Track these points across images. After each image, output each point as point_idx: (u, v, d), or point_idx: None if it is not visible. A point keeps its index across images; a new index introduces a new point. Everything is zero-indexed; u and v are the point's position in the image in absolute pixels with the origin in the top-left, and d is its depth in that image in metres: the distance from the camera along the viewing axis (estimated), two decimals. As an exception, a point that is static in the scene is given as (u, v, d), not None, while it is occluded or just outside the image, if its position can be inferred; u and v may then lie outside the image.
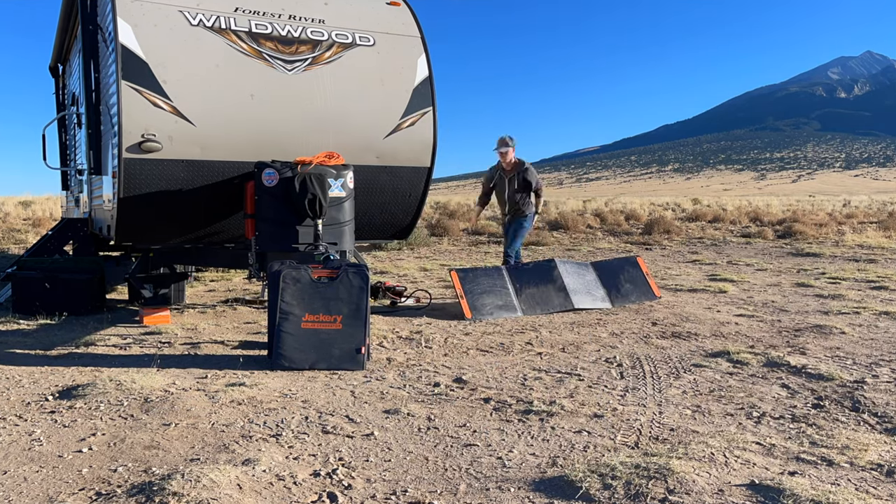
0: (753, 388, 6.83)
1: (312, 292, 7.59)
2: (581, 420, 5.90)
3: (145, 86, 8.68)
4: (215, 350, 8.49)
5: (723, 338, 9.16)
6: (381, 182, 10.22)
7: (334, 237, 8.98)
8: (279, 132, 9.40)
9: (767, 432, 5.58)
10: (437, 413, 6.09)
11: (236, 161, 9.25)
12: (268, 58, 9.41)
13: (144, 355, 8.15)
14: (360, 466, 4.88)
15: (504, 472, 4.78)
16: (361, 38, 10.08)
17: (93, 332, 9.38)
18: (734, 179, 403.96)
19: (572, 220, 31.05)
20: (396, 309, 11.41)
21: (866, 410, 6.11)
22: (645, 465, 4.70)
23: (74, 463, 4.91)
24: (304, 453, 5.12)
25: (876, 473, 4.73)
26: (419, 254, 21.93)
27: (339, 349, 7.56)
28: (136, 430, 5.57)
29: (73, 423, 5.74)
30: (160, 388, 6.70)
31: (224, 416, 5.93)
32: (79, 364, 7.75)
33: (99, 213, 10.78)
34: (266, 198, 8.81)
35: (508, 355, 8.29)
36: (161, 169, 8.87)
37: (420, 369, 7.62)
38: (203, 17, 9.21)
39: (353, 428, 5.69)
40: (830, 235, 27.60)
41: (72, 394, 6.52)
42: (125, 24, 8.71)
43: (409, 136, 10.22)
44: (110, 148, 9.22)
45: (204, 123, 9.00)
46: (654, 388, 6.89)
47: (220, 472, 4.60)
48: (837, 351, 8.38)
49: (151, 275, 10.61)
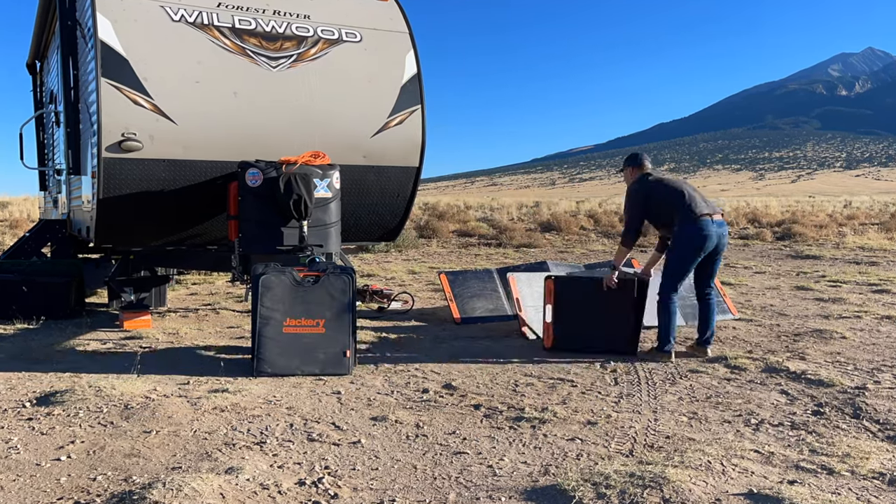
0: (752, 395, 6.85)
1: (294, 296, 7.58)
2: (574, 427, 5.91)
3: (125, 83, 8.66)
4: (198, 355, 8.48)
5: (720, 342, 9.18)
6: (368, 182, 10.20)
7: (320, 239, 8.97)
8: (263, 131, 9.39)
9: (766, 440, 5.60)
10: (425, 420, 6.10)
11: (219, 161, 9.23)
12: (252, 54, 9.39)
13: (125, 361, 8.12)
14: (346, 475, 4.88)
15: (495, 481, 4.79)
16: (348, 34, 10.07)
17: (72, 337, 9.36)
18: (732, 179, 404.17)
19: (565, 222, 31.08)
20: (384, 313, 11.41)
21: (868, 417, 6.14)
22: (640, 474, 4.71)
23: (53, 471, 4.90)
24: (289, 461, 5.12)
25: (878, 482, 4.74)
26: (407, 256, 21.96)
27: (324, 354, 7.56)
28: (115, 438, 5.56)
29: (52, 431, 5.73)
30: (141, 394, 6.68)
31: (206, 424, 5.93)
32: (57, 370, 7.73)
33: (78, 214, 10.76)
34: (250, 198, 8.79)
35: (499, 360, 8.30)
36: (142, 169, 8.86)
37: (408, 375, 7.63)
38: (185, 13, 9.19)
39: (340, 435, 5.69)
40: (831, 237, 27.70)
41: (50, 400, 6.50)
42: (105, 19, 8.69)
43: (397, 134, 10.21)
44: (89, 147, 9.20)
45: (186, 122, 8.99)
46: (650, 394, 6.90)
47: (203, 480, 4.59)
48: (838, 356, 8.41)
49: (132, 278, 10.59)
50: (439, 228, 28.25)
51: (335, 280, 7.66)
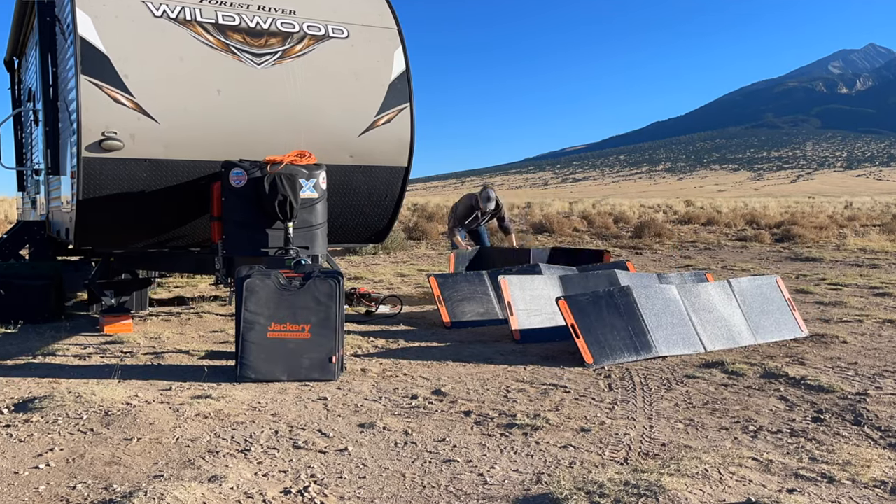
0: (750, 401, 6.85)
1: (280, 300, 7.57)
2: (567, 434, 5.92)
3: (106, 81, 8.65)
4: (180, 360, 8.47)
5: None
6: (355, 182, 10.21)
7: (306, 241, 8.98)
8: (248, 130, 9.39)
9: (764, 447, 5.61)
10: (414, 427, 6.10)
11: (202, 160, 9.23)
12: (235, 51, 9.39)
13: (105, 366, 8.12)
14: (333, 483, 4.88)
15: (486, 490, 4.79)
16: (335, 30, 10.07)
17: (50, 342, 9.34)
18: (729, 180, 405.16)
19: (558, 223, 31.16)
20: (372, 317, 11.40)
21: (869, 424, 6.14)
22: (635, 482, 4.72)
23: (31, 480, 4.89)
24: (273, 469, 5.12)
25: (879, 491, 4.75)
26: (396, 258, 21.94)
27: (309, 359, 7.55)
28: (96, 445, 5.55)
29: (30, 438, 5.72)
30: (122, 400, 6.68)
31: (189, 431, 5.92)
32: (35, 375, 7.72)
33: (57, 215, 10.75)
34: (234, 199, 8.79)
35: (490, 365, 8.30)
36: (122, 169, 8.85)
37: (396, 380, 7.63)
38: (167, 8, 9.18)
39: (326, 443, 5.69)
40: (831, 239, 27.76)
41: (28, 407, 6.49)
42: (84, 15, 8.68)
43: (386, 133, 10.22)
44: (69, 146, 9.19)
45: (168, 120, 8.98)
46: (645, 400, 6.90)
47: (185, 489, 4.59)
48: (838, 361, 8.42)
49: (112, 281, 10.57)
50: (428, 230, 28.27)
51: (322, 284, 7.65)
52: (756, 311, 9.59)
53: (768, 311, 9.71)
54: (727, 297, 9.55)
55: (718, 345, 8.94)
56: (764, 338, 9.32)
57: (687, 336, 8.87)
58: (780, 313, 9.79)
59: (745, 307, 9.54)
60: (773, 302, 9.86)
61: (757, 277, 10.17)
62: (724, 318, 9.31)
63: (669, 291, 9.25)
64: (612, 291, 9.02)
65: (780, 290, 10.08)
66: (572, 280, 10.67)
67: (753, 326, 9.40)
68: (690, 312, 9.11)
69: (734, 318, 9.37)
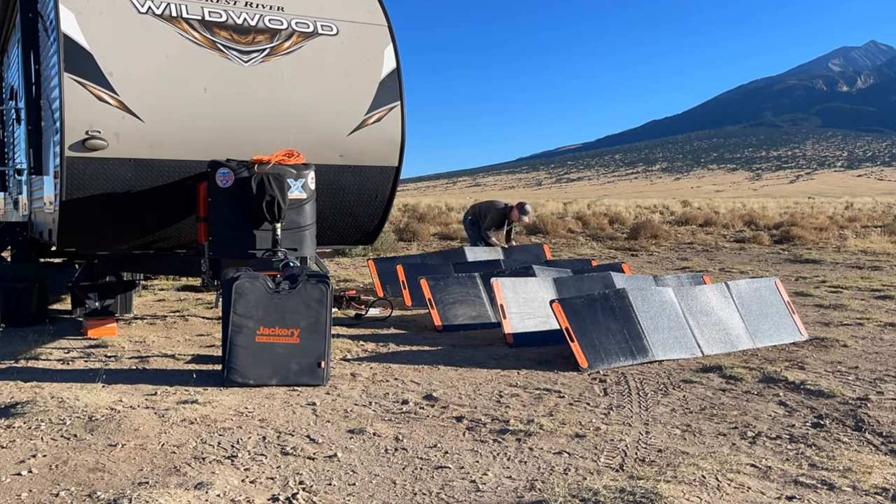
0: (748, 406, 6.87)
1: (268, 304, 7.56)
2: (561, 440, 5.93)
3: (90, 78, 8.63)
4: (165, 364, 8.46)
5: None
6: (344, 183, 10.20)
7: (294, 242, 8.98)
8: (235, 129, 9.38)
9: (763, 453, 5.62)
10: (405, 433, 6.11)
11: (188, 160, 9.21)
12: (222, 48, 9.38)
13: (89, 370, 8.10)
14: (322, 490, 4.88)
15: (478, 497, 4.80)
16: (324, 27, 10.06)
17: (33, 345, 9.33)
18: (727, 180, 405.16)
19: (552, 224, 31.15)
20: (361, 320, 11.39)
21: (870, 430, 6.16)
22: (630, 490, 4.73)
23: (13, 487, 4.89)
24: (261, 476, 5.12)
25: (880, 498, 4.76)
26: (387, 260, 21.92)
27: (298, 364, 7.55)
28: (79, 452, 5.55)
29: (12, 444, 5.72)
30: (106, 405, 6.67)
31: (175, 436, 5.92)
32: (18, 379, 7.71)
33: (39, 216, 10.74)
34: (220, 200, 8.79)
35: (482, 370, 8.31)
36: (107, 168, 8.84)
37: (387, 385, 7.63)
38: (152, 4, 9.16)
39: (315, 449, 5.70)
40: (831, 240, 27.78)
41: (10, 412, 6.48)
42: (68, 11, 8.66)
43: (376, 132, 10.21)
44: (52, 146, 9.18)
45: (153, 119, 8.96)
46: (641, 405, 6.92)
47: (171, 496, 4.59)
48: (839, 365, 8.43)
49: (97, 283, 10.55)
50: (419, 231, 28.28)
51: (312, 289, 7.64)
52: (754, 314, 9.61)
53: (767, 314, 9.72)
54: (725, 300, 9.57)
55: (716, 349, 8.97)
56: (763, 341, 9.35)
57: (684, 340, 8.90)
58: (779, 316, 9.80)
59: (744, 310, 9.57)
60: (771, 305, 9.87)
61: (755, 280, 10.20)
62: (721, 322, 9.34)
63: (666, 294, 9.28)
64: (608, 294, 9.04)
65: (779, 293, 10.11)
66: (567, 282, 10.68)
67: (752, 330, 9.43)
68: (687, 315, 9.14)
69: (732, 321, 9.40)
